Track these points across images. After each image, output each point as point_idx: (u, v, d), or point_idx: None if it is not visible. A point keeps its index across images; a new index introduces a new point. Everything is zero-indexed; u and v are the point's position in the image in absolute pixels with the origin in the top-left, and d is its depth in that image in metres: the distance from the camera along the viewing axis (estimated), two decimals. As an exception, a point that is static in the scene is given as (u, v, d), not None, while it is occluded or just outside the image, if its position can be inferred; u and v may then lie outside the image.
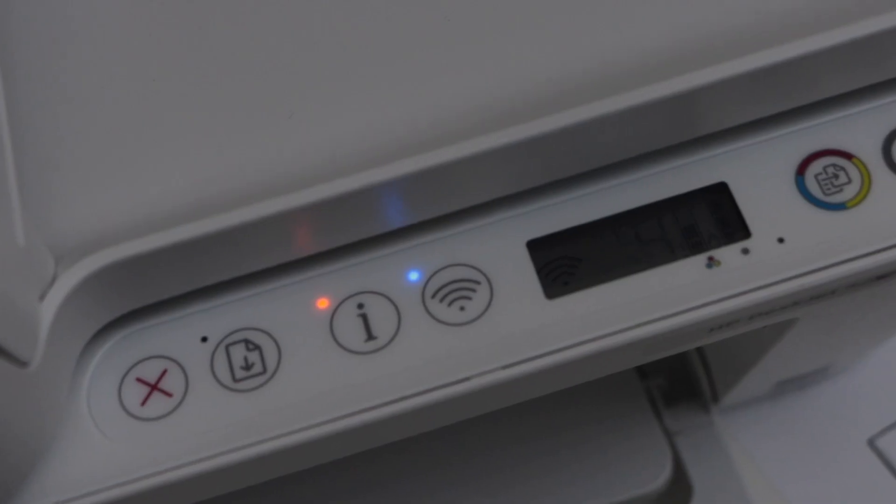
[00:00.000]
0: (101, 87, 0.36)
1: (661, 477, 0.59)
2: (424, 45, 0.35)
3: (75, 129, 0.35)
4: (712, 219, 0.35)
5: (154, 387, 0.34)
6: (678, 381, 0.63)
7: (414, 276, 0.35)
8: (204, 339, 0.35)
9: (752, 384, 0.56)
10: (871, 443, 0.60)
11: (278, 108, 0.35)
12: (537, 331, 0.34)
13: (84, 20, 0.36)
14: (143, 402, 0.34)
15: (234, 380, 0.34)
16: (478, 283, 0.35)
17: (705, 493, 0.59)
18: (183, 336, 0.35)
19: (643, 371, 0.63)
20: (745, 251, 0.35)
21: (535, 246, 0.35)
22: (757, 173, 0.36)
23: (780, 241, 0.35)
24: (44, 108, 0.35)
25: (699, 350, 0.61)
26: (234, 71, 0.35)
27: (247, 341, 0.34)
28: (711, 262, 0.35)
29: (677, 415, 0.62)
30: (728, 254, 0.35)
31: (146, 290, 0.34)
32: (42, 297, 0.31)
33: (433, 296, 0.35)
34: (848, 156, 0.36)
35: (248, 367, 0.34)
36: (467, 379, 0.33)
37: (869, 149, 0.36)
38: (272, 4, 0.36)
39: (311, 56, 0.35)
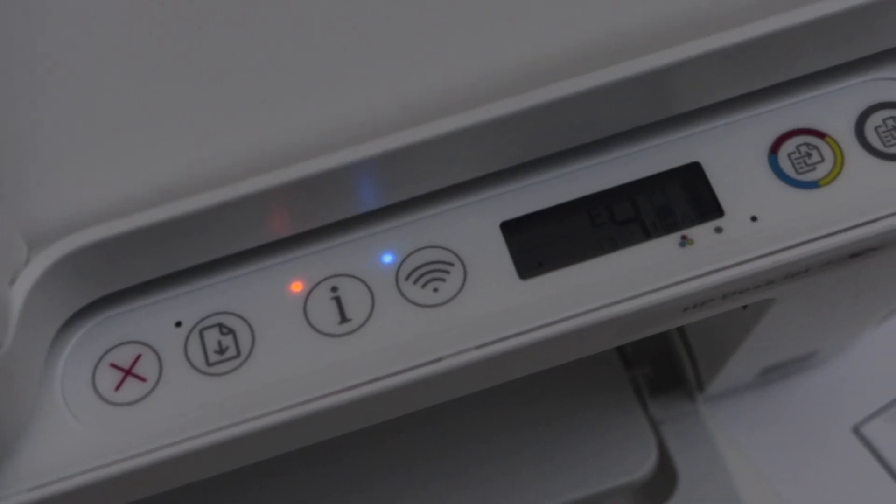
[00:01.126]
0: (71, 73, 0.35)
1: (646, 465, 0.59)
2: (395, 25, 0.35)
3: (46, 115, 0.34)
4: (686, 198, 0.36)
5: (128, 372, 0.34)
6: (663, 369, 0.63)
7: (388, 258, 0.35)
8: (178, 324, 0.35)
9: (736, 371, 0.56)
10: (857, 430, 0.60)
11: (250, 91, 0.34)
12: (511, 311, 0.34)
13: (50, 6, 0.36)
14: (117, 388, 0.34)
15: (208, 364, 0.34)
16: (451, 264, 0.35)
17: (691, 482, 0.59)
18: (157, 321, 0.35)
19: (628, 360, 0.63)
20: (719, 230, 0.35)
21: (508, 227, 0.35)
22: (730, 153, 0.36)
23: (754, 219, 0.35)
24: (14, 96, 0.35)
25: (684, 338, 0.61)
26: (204, 55, 0.35)
27: (221, 325, 0.34)
28: (684, 241, 0.35)
29: (662, 404, 0.62)
30: (701, 233, 0.35)
31: (119, 275, 0.34)
32: (12, 282, 0.31)
33: (407, 278, 0.35)
34: (821, 134, 0.36)
35: (222, 350, 0.34)
36: (440, 359, 0.33)
37: (842, 128, 0.36)
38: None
39: (281, 40, 0.35)
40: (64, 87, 0.35)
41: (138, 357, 0.34)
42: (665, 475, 0.60)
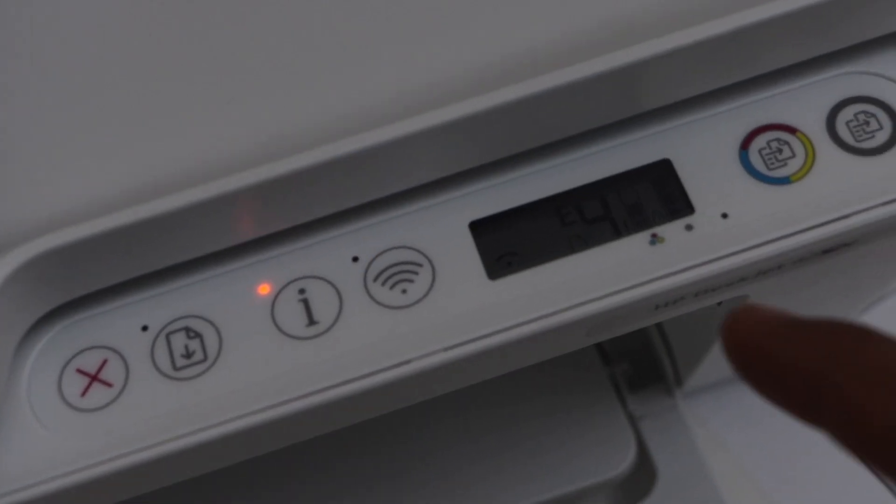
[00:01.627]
0: (36, 76, 0.35)
1: (625, 462, 0.59)
2: (359, 27, 0.35)
3: (10, 120, 0.34)
4: (656, 196, 0.35)
5: (94, 377, 0.34)
6: (642, 365, 0.63)
7: (355, 259, 0.35)
8: (144, 328, 0.34)
9: (714, 366, 0.56)
10: (837, 423, 0.60)
11: (214, 93, 0.34)
12: (480, 312, 0.34)
13: (17, 7, 0.36)
14: (84, 393, 0.33)
15: (175, 368, 0.34)
16: (420, 265, 0.35)
17: (670, 477, 0.59)
18: (123, 325, 0.34)
19: (607, 356, 0.63)
20: (689, 227, 0.35)
21: (477, 227, 0.35)
22: (701, 149, 0.36)
23: (724, 216, 0.35)
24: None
25: (662, 334, 0.61)
26: (169, 58, 0.35)
27: (187, 329, 0.34)
28: (655, 239, 0.35)
29: (641, 399, 0.62)
30: (672, 230, 0.35)
31: (84, 279, 0.33)
32: (-26, 288, 0.30)
33: (375, 279, 0.34)
34: (792, 130, 0.36)
35: (188, 355, 0.34)
36: (409, 361, 0.33)
37: (813, 123, 0.36)
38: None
39: (247, 42, 0.35)
40: (25, 93, 0.34)
41: (104, 362, 0.34)
42: (644, 471, 0.60)
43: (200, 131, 0.33)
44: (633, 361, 0.63)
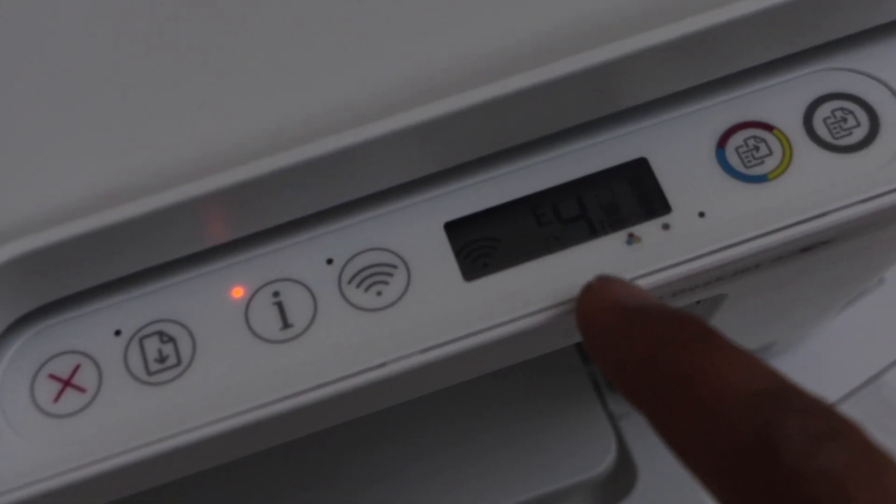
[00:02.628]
0: (11, 77, 0.35)
1: (605, 461, 0.59)
2: (337, 25, 0.34)
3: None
4: (632, 195, 0.35)
5: (67, 382, 0.33)
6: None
7: (329, 262, 0.34)
8: (117, 333, 0.34)
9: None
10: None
11: (186, 95, 0.34)
12: (456, 314, 0.34)
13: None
14: (56, 399, 0.33)
15: (149, 373, 0.33)
16: (395, 267, 0.34)
17: (650, 476, 0.59)
18: (96, 330, 0.34)
19: (586, 355, 0.63)
20: (666, 226, 0.34)
21: (452, 228, 0.35)
22: (677, 148, 0.36)
23: (701, 215, 0.35)
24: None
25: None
26: (142, 60, 0.35)
27: (161, 333, 0.34)
28: (631, 239, 0.34)
29: (621, 398, 0.62)
30: (648, 230, 0.35)
31: (55, 284, 0.33)
32: (-58, 295, 0.30)
33: (349, 281, 0.34)
34: (769, 127, 0.36)
35: (162, 359, 0.33)
36: (384, 364, 0.33)
37: (790, 120, 0.36)
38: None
39: (219, 45, 0.35)
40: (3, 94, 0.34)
41: (77, 367, 0.33)
42: (625, 470, 0.60)
43: (172, 134, 0.33)
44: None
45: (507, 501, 0.57)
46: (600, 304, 0.31)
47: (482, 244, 0.34)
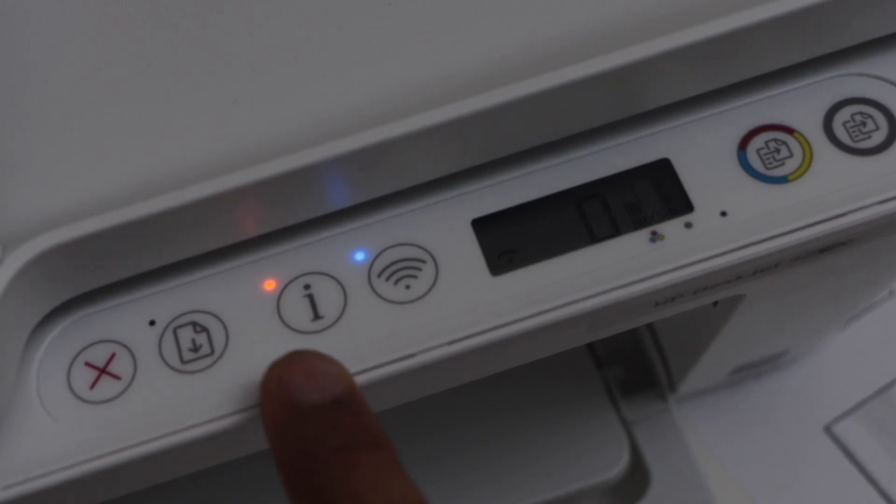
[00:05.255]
0: (38, 71, 0.36)
1: (618, 465, 0.59)
2: (367, 23, 0.35)
3: (15, 116, 0.35)
4: (655, 194, 0.36)
5: (103, 370, 0.34)
6: (635, 370, 0.63)
7: (360, 256, 0.35)
8: (152, 323, 0.35)
9: (707, 370, 0.56)
10: (828, 429, 0.60)
11: (219, 89, 0.35)
12: (482, 307, 0.34)
13: (13, 6, 0.37)
14: (92, 386, 0.34)
15: (182, 361, 0.34)
16: (423, 261, 0.35)
17: (663, 482, 0.59)
18: (131, 320, 0.35)
19: (600, 360, 0.64)
20: (688, 225, 0.35)
21: (479, 224, 0.35)
22: (699, 149, 0.36)
23: (723, 214, 0.35)
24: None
25: (654, 338, 0.61)
26: (176, 54, 0.36)
27: (194, 323, 0.35)
28: (655, 237, 0.35)
29: (634, 404, 0.62)
30: (671, 228, 0.35)
31: (92, 274, 0.34)
32: (-15, 283, 0.31)
33: (379, 275, 0.35)
34: (789, 130, 0.37)
35: (195, 348, 0.34)
36: (413, 355, 0.34)
37: (810, 123, 0.37)
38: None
39: (251, 41, 0.36)
40: (33, 87, 0.35)
41: (113, 356, 0.34)
42: (637, 475, 0.60)
43: (208, 127, 0.34)
44: (627, 366, 0.63)
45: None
46: (271, 395, 0.31)
47: (509, 240, 0.35)
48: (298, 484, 0.29)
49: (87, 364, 0.34)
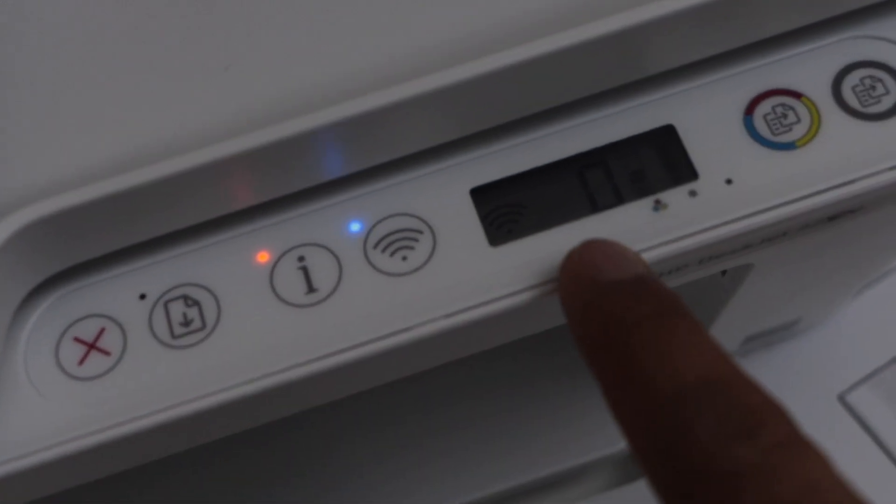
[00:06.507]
0: (23, 42, 0.35)
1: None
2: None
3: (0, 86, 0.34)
4: (659, 162, 0.35)
5: (92, 346, 0.33)
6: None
7: (355, 226, 0.34)
8: (142, 297, 0.34)
9: (718, 340, 0.55)
10: (842, 398, 0.59)
11: (210, 56, 0.34)
12: (481, 279, 0.33)
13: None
14: (81, 362, 0.33)
15: (173, 336, 0.33)
16: (420, 232, 0.34)
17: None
18: (120, 294, 0.34)
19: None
20: (693, 193, 0.34)
21: (478, 193, 0.35)
22: (704, 115, 0.35)
23: (729, 182, 0.34)
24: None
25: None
26: (167, 20, 0.35)
27: (185, 297, 0.34)
28: (658, 206, 0.34)
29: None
30: (675, 196, 0.34)
31: (80, 247, 0.33)
32: (-31, 256, 0.30)
33: (375, 246, 0.34)
34: (797, 95, 0.35)
35: (187, 323, 0.33)
36: (409, 328, 0.33)
37: (818, 88, 0.36)
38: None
39: (244, 5, 0.35)
40: (17, 58, 0.34)
41: (102, 330, 0.33)
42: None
43: (198, 95, 0.33)
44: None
45: (526, 477, 0.57)
46: (573, 276, 0.31)
47: (508, 210, 0.34)
48: (608, 352, 0.28)
49: (76, 339, 0.33)
